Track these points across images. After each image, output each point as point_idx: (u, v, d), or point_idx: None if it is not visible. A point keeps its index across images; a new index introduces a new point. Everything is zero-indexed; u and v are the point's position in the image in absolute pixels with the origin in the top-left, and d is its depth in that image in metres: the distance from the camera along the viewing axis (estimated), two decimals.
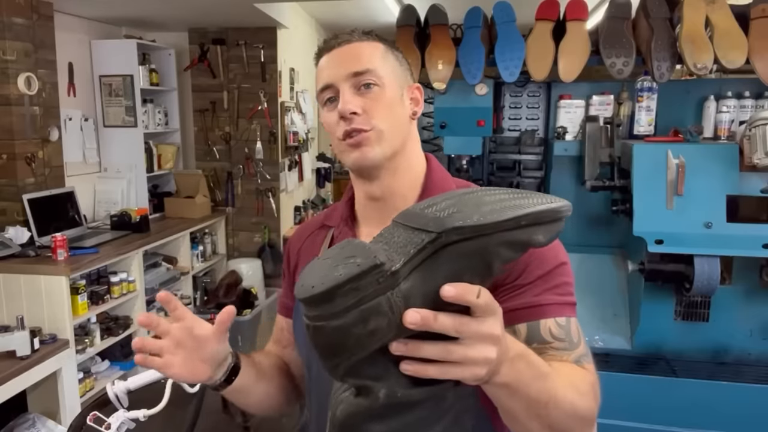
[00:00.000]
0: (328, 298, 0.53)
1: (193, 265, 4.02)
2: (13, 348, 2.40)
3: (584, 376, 0.77)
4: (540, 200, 0.56)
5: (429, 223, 0.55)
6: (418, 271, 0.54)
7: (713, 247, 2.03)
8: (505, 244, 0.54)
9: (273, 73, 4.18)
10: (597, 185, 2.32)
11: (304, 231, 1.03)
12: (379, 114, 0.84)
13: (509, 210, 0.54)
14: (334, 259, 0.56)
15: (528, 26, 2.42)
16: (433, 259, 0.54)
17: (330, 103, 0.86)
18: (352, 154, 0.85)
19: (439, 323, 0.53)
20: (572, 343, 0.80)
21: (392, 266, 0.53)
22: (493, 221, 0.53)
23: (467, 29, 2.46)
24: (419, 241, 0.54)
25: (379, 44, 0.88)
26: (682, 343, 2.27)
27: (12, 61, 2.87)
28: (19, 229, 2.87)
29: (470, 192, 0.60)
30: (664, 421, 2.09)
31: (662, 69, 2.20)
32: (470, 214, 0.54)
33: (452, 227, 0.53)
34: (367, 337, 0.54)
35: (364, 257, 0.54)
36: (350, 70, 0.84)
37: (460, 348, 0.55)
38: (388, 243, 0.57)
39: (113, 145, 3.81)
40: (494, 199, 0.57)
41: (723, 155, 2.10)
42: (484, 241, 0.53)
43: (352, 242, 0.59)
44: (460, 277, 0.54)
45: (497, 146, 2.88)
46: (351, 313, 0.53)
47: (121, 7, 3.45)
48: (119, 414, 1.25)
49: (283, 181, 4.42)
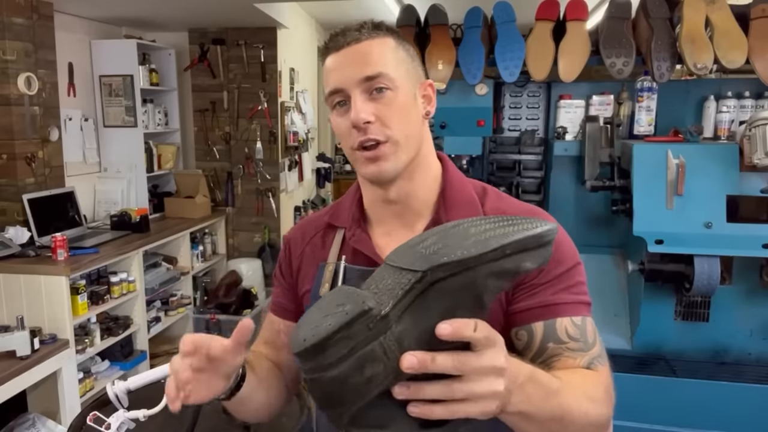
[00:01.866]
0: (320, 350, 0.52)
1: (193, 265, 4.02)
2: (13, 348, 2.40)
3: (597, 382, 0.76)
4: (525, 226, 0.55)
5: (415, 262, 0.54)
6: (409, 312, 0.53)
7: (713, 247, 2.03)
8: (493, 275, 0.54)
9: (273, 73, 4.18)
10: (597, 185, 2.32)
11: (306, 231, 0.98)
12: (394, 121, 0.80)
13: (493, 240, 0.53)
14: (324, 309, 0.55)
15: (528, 26, 2.42)
16: (423, 298, 0.53)
17: (340, 107, 0.82)
18: (368, 168, 0.82)
19: (438, 364, 0.52)
20: (587, 344, 0.79)
21: (381, 310, 0.52)
22: (477, 254, 0.52)
23: (467, 29, 2.47)
24: (406, 282, 0.53)
25: (389, 40, 0.84)
26: (682, 343, 2.27)
27: (12, 61, 2.87)
28: (19, 229, 2.87)
29: (456, 225, 0.59)
30: (664, 421, 2.09)
31: (662, 69, 2.20)
32: (454, 249, 0.53)
33: (437, 264, 0.52)
34: (365, 384, 0.53)
35: (352, 304, 0.53)
36: (361, 75, 0.79)
37: (465, 385, 0.53)
38: (378, 286, 0.56)
39: (113, 145, 3.81)
40: (479, 230, 0.56)
41: (723, 155, 2.10)
42: (471, 275, 0.53)
43: (343, 289, 0.59)
44: (452, 313, 0.53)
45: (497, 146, 2.88)
46: (345, 363, 0.52)
47: (121, 7, 3.45)
48: (119, 414, 1.25)
49: (283, 181, 4.42)
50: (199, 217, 4.01)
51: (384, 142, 0.80)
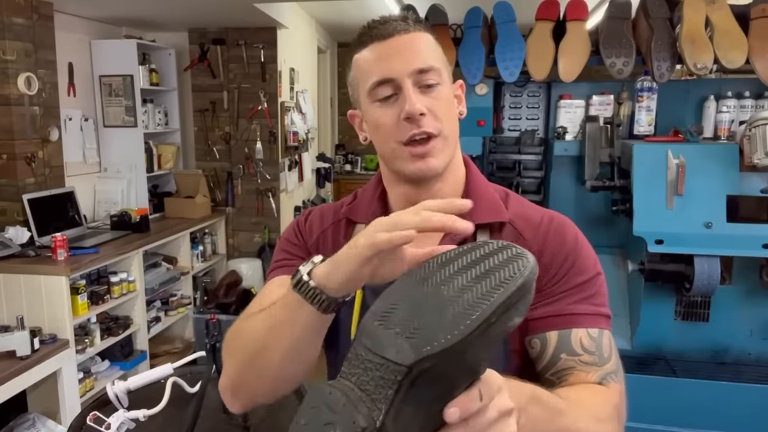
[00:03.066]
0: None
1: (193, 265, 4.02)
2: (13, 348, 2.40)
3: (607, 399, 0.73)
4: (504, 275, 0.50)
5: (396, 350, 0.49)
6: (403, 410, 0.49)
7: (713, 247, 2.03)
8: (483, 346, 0.50)
9: (273, 73, 4.18)
10: (597, 185, 2.32)
11: (324, 216, 0.93)
12: (444, 116, 0.78)
13: (472, 309, 0.48)
14: (311, 429, 0.51)
15: (528, 26, 2.42)
16: (415, 392, 0.49)
17: (387, 99, 0.78)
18: (415, 164, 0.78)
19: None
20: (602, 358, 0.77)
21: (376, 423, 0.48)
22: (462, 336, 0.47)
23: (467, 29, 2.47)
24: (393, 379, 0.49)
25: (430, 36, 0.81)
26: (682, 343, 2.27)
27: (12, 61, 2.87)
28: (19, 229, 2.87)
29: (424, 280, 0.53)
30: (664, 421, 2.09)
31: (662, 69, 2.20)
32: (435, 333, 0.48)
33: (421, 358, 0.47)
34: None
35: (343, 425, 0.48)
36: (415, 66, 0.76)
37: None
38: (361, 380, 0.51)
39: (113, 145, 3.81)
40: (452, 292, 0.50)
41: (723, 155, 2.10)
42: (459, 357, 0.48)
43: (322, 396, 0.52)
44: (449, 393, 0.49)
45: (497, 146, 2.88)
46: None
47: (121, 7, 3.45)
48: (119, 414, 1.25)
49: (283, 181, 4.42)
50: (199, 217, 4.01)
51: (436, 136, 0.78)
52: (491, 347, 0.51)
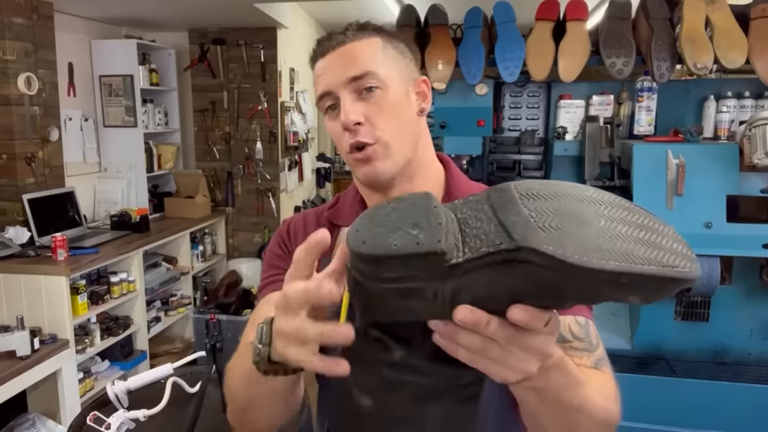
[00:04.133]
0: (374, 262, 0.48)
1: (193, 265, 4.02)
2: (13, 348, 2.40)
3: (609, 381, 0.74)
4: (664, 256, 0.44)
5: (518, 226, 0.46)
6: (481, 272, 0.47)
7: (713, 247, 2.03)
8: (590, 291, 0.45)
9: (273, 73, 4.18)
10: (597, 185, 2.32)
11: (307, 220, 0.94)
12: (384, 122, 0.79)
13: (615, 258, 0.43)
14: (398, 217, 0.49)
15: (528, 26, 2.42)
16: (502, 268, 0.46)
17: (332, 110, 0.81)
18: (362, 169, 0.81)
19: (491, 330, 0.48)
20: (591, 345, 0.78)
21: (453, 258, 0.47)
22: (588, 266, 0.42)
23: (467, 29, 2.47)
24: (496, 243, 0.46)
25: (376, 39, 0.82)
26: (682, 343, 2.27)
27: (12, 61, 2.87)
28: (19, 229, 2.87)
29: (585, 200, 0.48)
30: (664, 421, 2.09)
31: (662, 69, 2.20)
32: (567, 242, 0.43)
33: (538, 249, 0.43)
34: (401, 311, 0.49)
35: (428, 235, 0.47)
36: (348, 75, 0.79)
37: (500, 351, 0.50)
38: (466, 222, 0.49)
39: (113, 145, 3.81)
40: (609, 228, 0.45)
41: (723, 155, 2.10)
42: (567, 279, 0.44)
43: (428, 202, 0.50)
44: (522, 297, 0.46)
45: (497, 146, 2.88)
46: (392, 285, 0.48)
47: (121, 7, 3.45)
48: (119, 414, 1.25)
49: (283, 181, 4.42)
50: (199, 217, 4.01)
51: (372, 144, 0.79)
52: (592, 298, 0.48)
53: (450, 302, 0.48)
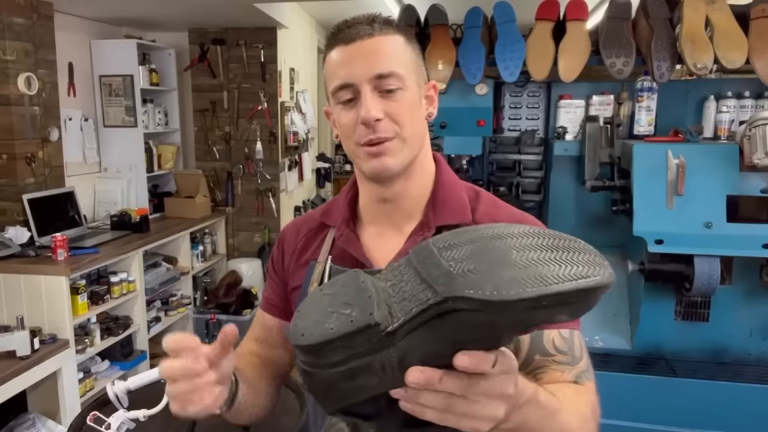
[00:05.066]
0: (315, 351, 0.50)
1: (193, 265, 4.02)
2: (13, 348, 2.40)
3: (586, 399, 0.75)
4: (576, 269, 0.46)
5: (439, 278, 0.48)
6: (418, 332, 0.49)
7: (713, 247, 2.03)
8: (518, 322, 0.47)
9: (273, 73, 4.18)
10: (597, 185, 2.32)
11: (300, 228, 0.97)
12: (403, 120, 0.79)
13: (530, 284, 0.44)
14: (331, 300, 0.52)
15: (528, 26, 2.42)
16: (436, 322, 0.48)
17: (347, 103, 0.80)
18: (370, 162, 0.80)
19: (444, 385, 0.49)
20: (574, 358, 0.78)
21: (389, 326, 0.49)
22: (506, 299, 0.44)
23: (467, 29, 2.46)
24: (424, 300, 0.48)
25: (399, 37, 0.82)
26: (682, 343, 2.27)
27: (12, 61, 2.87)
28: (19, 229, 2.87)
29: (498, 237, 0.51)
30: (664, 421, 2.09)
31: (662, 69, 2.20)
32: (484, 281, 0.45)
33: (460, 296, 0.45)
34: (355, 390, 0.51)
35: (360, 311, 0.49)
36: (374, 72, 0.77)
37: (464, 403, 0.50)
38: (395, 287, 0.52)
39: (113, 145, 3.81)
40: (522, 259, 0.47)
41: (723, 155, 2.09)
42: (495, 317, 0.46)
43: (356, 280, 0.53)
44: (463, 344, 0.48)
45: (497, 146, 2.88)
46: (339, 369, 0.50)
47: (121, 7, 3.45)
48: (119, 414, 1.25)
49: (283, 181, 4.42)
50: (199, 217, 4.01)
51: (392, 138, 0.79)
52: (525, 327, 0.50)
53: (399, 368, 0.49)
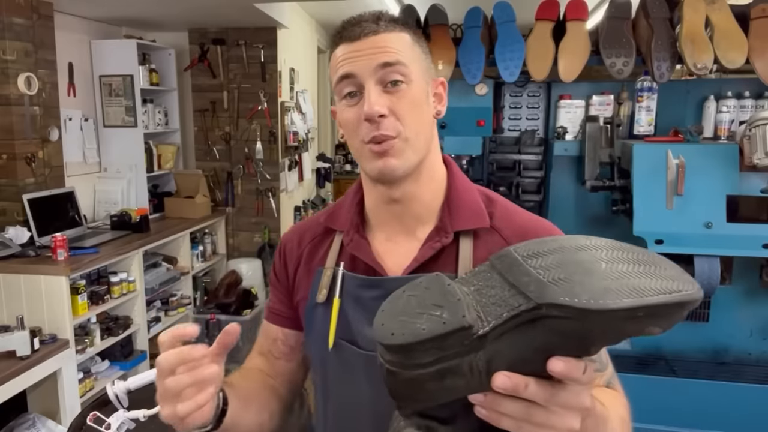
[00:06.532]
0: (406, 351, 0.51)
1: (193, 265, 4.02)
2: (13, 348, 2.40)
3: (621, 402, 0.76)
4: (666, 283, 0.47)
5: (530, 285, 0.49)
6: (508, 336, 0.50)
7: (713, 247, 2.03)
8: (611, 332, 0.48)
9: (273, 73, 4.18)
10: (597, 185, 2.32)
11: (303, 235, 0.93)
12: (408, 117, 0.76)
13: (626, 295, 0.45)
14: (419, 302, 0.52)
15: (528, 26, 2.42)
16: (527, 328, 0.49)
17: (350, 98, 0.77)
18: (375, 162, 0.77)
19: (530, 392, 0.50)
20: (603, 364, 0.78)
21: (480, 329, 0.50)
22: (605, 308, 0.44)
23: (467, 29, 2.46)
24: (515, 305, 0.49)
25: (406, 34, 0.79)
26: (682, 343, 2.27)
27: (12, 61, 2.87)
28: (19, 229, 2.87)
29: (583, 249, 0.51)
30: (664, 421, 2.09)
31: (662, 69, 2.20)
32: (579, 290, 0.46)
33: (555, 303, 0.46)
34: (441, 392, 0.52)
35: (451, 313, 0.50)
36: (378, 61, 0.75)
37: (544, 414, 0.51)
38: (480, 292, 0.52)
39: (113, 145, 3.81)
40: (611, 270, 0.48)
41: (723, 155, 2.10)
42: (588, 325, 0.46)
43: (440, 282, 0.54)
44: (552, 351, 0.49)
45: (497, 146, 2.88)
46: (428, 369, 0.51)
47: (121, 7, 3.45)
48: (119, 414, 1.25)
49: (283, 181, 4.42)
50: (199, 217, 4.01)
51: (395, 137, 0.76)
52: (614, 337, 0.50)
53: (486, 372, 0.50)
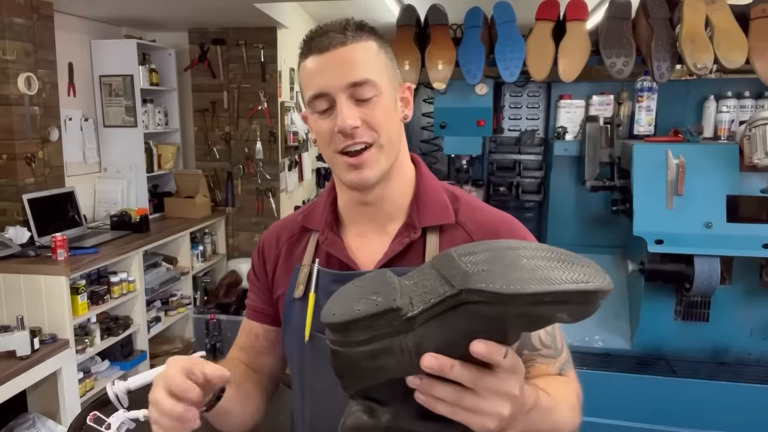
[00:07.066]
0: (344, 329, 0.57)
1: (193, 265, 4.02)
2: (13, 348, 2.40)
3: (572, 388, 0.81)
4: (576, 275, 0.53)
5: (456, 276, 0.55)
6: (435, 321, 0.56)
7: (713, 247, 2.03)
8: (525, 316, 0.53)
9: (273, 73, 4.18)
10: (597, 185, 2.32)
11: (281, 234, 0.97)
12: (379, 126, 0.79)
13: (535, 283, 0.52)
14: (361, 290, 0.60)
15: (528, 26, 2.42)
16: (451, 313, 0.55)
17: (323, 113, 0.80)
18: (350, 174, 0.81)
19: (455, 373, 0.54)
20: (557, 350, 0.84)
21: (408, 312, 0.56)
22: (514, 292, 0.51)
23: (467, 29, 2.46)
24: (441, 293, 0.55)
25: (372, 43, 0.81)
26: (682, 343, 2.27)
27: (12, 61, 2.87)
28: (19, 229, 2.87)
29: (512, 248, 0.58)
30: (664, 421, 2.09)
31: (662, 69, 2.20)
32: (496, 278, 0.53)
33: (473, 288, 0.53)
34: (375, 371, 0.57)
35: (384, 297, 0.57)
36: (348, 80, 0.77)
37: (473, 397, 0.56)
38: (417, 284, 0.59)
39: (113, 145, 3.81)
40: (530, 265, 0.55)
41: (723, 155, 2.09)
42: (503, 309, 0.52)
43: (383, 274, 0.61)
44: (475, 335, 0.54)
45: (497, 146, 2.88)
46: (362, 348, 0.57)
47: (121, 7, 3.45)
48: (119, 414, 1.25)
49: (283, 181, 4.42)
50: (199, 217, 4.01)
51: (370, 146, 0.79)
52: (530, 322, 0.55)
53: (416, 353, 0.55)
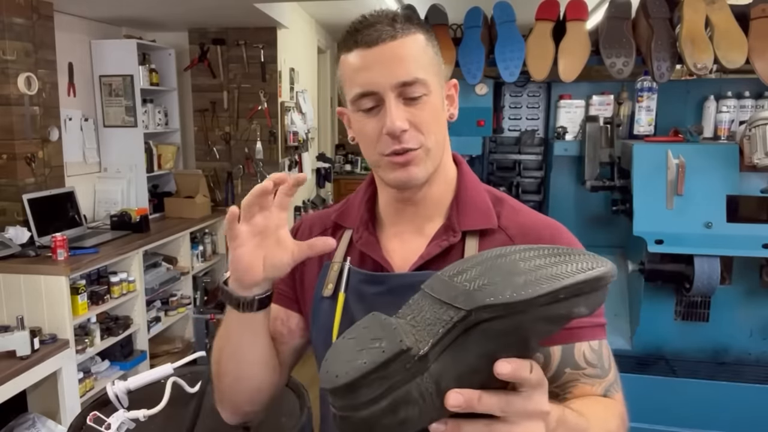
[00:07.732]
0: (352, 389, 0.50)
1: (193, 265, 4.02)
2: (13, 348, 2.40)
3: (614, 412, 0.74)
4: (581, 265, 0.50)
5: (458, 297, 0.51)
6: (449, 351, 0.51)
7: (713, 247, 2.03)
8: (543, 319, 0.50)
9: (273, 73, 4.18)
10: (597, 185, 2.32)
11: (313, 226, 0.93)
12: (428, 128, 0.77)
13: (545, 282, 0.48)
14: (357, 341, 0.53)
15: (528, 26, 2.42)
16: (464, 338, 0.50)
17: (369, 111, 0.76)
18: (395, 173, 0.77)
19: (484, 404, 0.50)
20: (604, 370, 0.77)
21: (420, 350, 0.50)
22: (528, 297, 0.47)
23: (467, 29, 2.47)
24: (447, 319, 0.50)
25: (420, 36, 0.77)
26: (682, 343, 2.27)
27: (12, 61, 2.87)
28: (19, 229, 2.87)
29: (502, 255, 0.54)
30: (664, 421, 2.09)
31: (662, 69, 2.20)
32: (502, 289, 0.49)
33: (482, 305, 0.48)
34: (398, 426, 0.51)
35: (389, 341, 0.50)
36: (399, 80, 0.74)
37: (505, 426, 0.51)
38: (415, 318, 0.53)
39: (113, 145, 3.81)
40: (529, 266, 0.51)
41: (723, 155, 2.10)
42: (519, 318, 0.49)
43: (377, 319, 0.55)
44: (494, 355, 0.50)
45: (497, 146, 2.88)
46: (379, 404, 0.50)
47: (121, 7, 3.45)
48: (119, 414, 1.25)
49: None
50: (199, 217, 4.01)
51: (417, 149, 0.76)
52: (549, 326, 0.51)
53: (437, 394, 0.50)
